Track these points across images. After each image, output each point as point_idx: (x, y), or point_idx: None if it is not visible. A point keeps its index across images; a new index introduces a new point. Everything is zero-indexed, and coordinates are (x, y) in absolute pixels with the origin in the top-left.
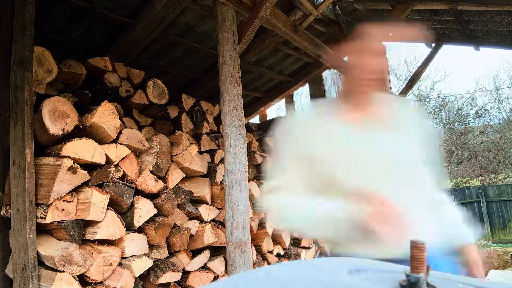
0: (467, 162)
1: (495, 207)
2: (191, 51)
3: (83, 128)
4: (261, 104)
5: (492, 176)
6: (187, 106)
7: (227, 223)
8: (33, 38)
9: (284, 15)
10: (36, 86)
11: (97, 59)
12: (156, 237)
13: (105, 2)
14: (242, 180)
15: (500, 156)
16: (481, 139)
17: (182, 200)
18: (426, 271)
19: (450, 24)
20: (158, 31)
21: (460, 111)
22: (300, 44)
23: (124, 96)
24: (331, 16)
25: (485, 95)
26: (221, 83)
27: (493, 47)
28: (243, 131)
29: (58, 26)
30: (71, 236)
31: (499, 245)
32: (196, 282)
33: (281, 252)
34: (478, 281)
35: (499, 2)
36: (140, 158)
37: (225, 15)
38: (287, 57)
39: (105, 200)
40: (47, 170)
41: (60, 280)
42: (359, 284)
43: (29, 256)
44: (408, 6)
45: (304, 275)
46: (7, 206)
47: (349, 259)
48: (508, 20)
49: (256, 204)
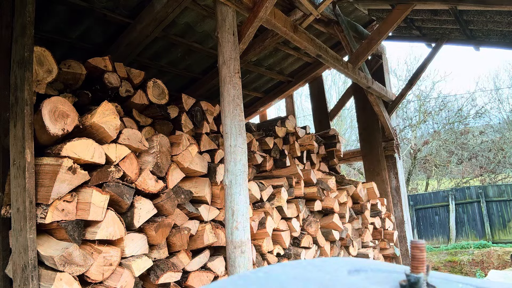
0: (467, 162)
1: (495, 207)
2: (191, 51)
3: (83, 128)
4: (261, 104)
5: (492, 176)
6: (187, 106)
7: (227, 223)
8: (33, 38)
9: (284, 15)
10: (36, 86)
11: (97, 59)
12: (156, 237)
13: (105, 2)
14: (242, 180)
15: (500, 156)
16: (481, 139)
17: (182, 200)
18: (426, 271)
19: (450, 24)
20: (158, 31)
21: (460, 111)
22: (300, 44)
23: (124, 96)
24: (331, 16)
25: (485, 95)
26: (221, 83)
27: (493, 47)
28: (243, 131)
29: (58, 26)
30: (71, 236)
31: (499, 245)
32: (196, 282)
33: (281, 252)
34: (478, 281)
35: (499, 2)
36: (140, 158)
37: (225, 15)
38: (287, 57)
39: (105, 200)
40: (47, 170)
41: (60, 280)
42: (359, 284)
43: (29, 256)
44: (408, 6)
45: (304, 275)
46: (7, 206)
47: (349, 259)
48: (508, 20)
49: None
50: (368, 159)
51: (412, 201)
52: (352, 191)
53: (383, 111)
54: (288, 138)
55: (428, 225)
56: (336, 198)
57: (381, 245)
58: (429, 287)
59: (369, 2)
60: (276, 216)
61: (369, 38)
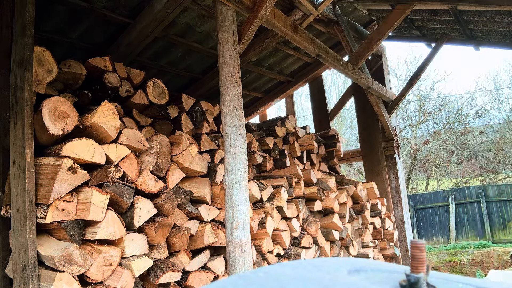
0: (467, 162)
1: (495, 207)
2: (191, 51)
3: (83, 128)
4: (261, 104)
5: (492, 176)
6: (187, 106)
7: (227, 223)
8: (33, 38)
9: (284, 15)
10: (36, 86)
11: (97, 59)
12: (156, 237)
13: (105, 2)
14: (242, 180)
15: (500, 156)
16: (481, 139)
17: (182, 200)
18: (426, 271)
19: (450, 24)
20: (158, 31)
21: (460, 111)
22: (300, 44)
23: (124, 96)
24: (331, 16)
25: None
26: (221, 83)
27: (493, 47)
28: (243, 131)
29: (58, 26)
30: (71, 236)
31: (499, 245)
32: (196, 282)
33: (281, 252)
34: (478, 281)
35: (499, 2)
36: (140, 158)
37: (225, 15)
38: (287, 57)
39: (105, 200)
40: (47, 170)
41: (60, 280)
42: (359, 284)
43: (29, 256)
44: (408, 6)
45: (304, 275)
46: (7, 206)
47: (349, 259)
48: (508, 20)
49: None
50: (368, 159)
51: (412, 201)
52: (352, 191)
53: (383, 111)
54: (288, 138)
55: (428, 225)
56: (336, 198)
57: (381, 245)
58: (429, 287)
59: (369, 2)
60: (276, 216)
61: (369, 38)
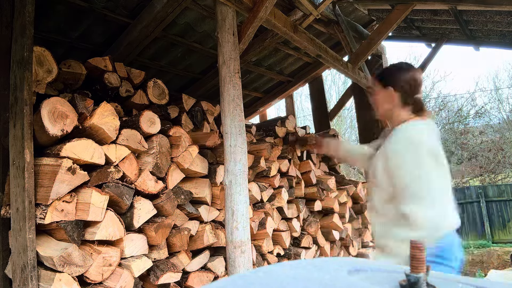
0: (467, 162)
1: (495, 207)
2: (191, 51)
3: (83, 129)
4: (261, 104)
5: (492, 176)
6: (188, 106)
7: (227, 223)
8: (32, 38)
9: (284, 15)
10: (36, 86)
11: (97, 59)
12: (156, 238)
13: (105, 2)
14: (242, 180)
15: (500, 156)
16: (481, 139)
17: (182, 200)
18: (426, 271)
19: (450, 24)
20: (158, 31)
21: (460, 111)
22: (300, 44)
23: (124, 96)
24: (331, 16)
25: (485, 95)
26: (221, 83)
27: (493, 47)
28: (243, 131)
29: (58, 26)
30: (70, 237)
31: (499, 245)
32: (196, 282)
33: (281, 252)
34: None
35: (499, 2)
36: (140, 158)
37: (225, 15)
38: (287, 57)
39: (104, 200)
40: (46, 170)
41: (60, 281)
42: (359, 284)
43: (28, 256)
44: (408, 6)
45: (304, 275)
46: (7, 206)
47: (349, 259)
48: (508, 20)
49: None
50: None
51: None
52: (352, 191)
53: None
54: (288, 138)
55: None
56: (336, 198)
57: None
58: (429, 287)
59: (369, 2)
60: (276, 217)
61: (369, 38)
